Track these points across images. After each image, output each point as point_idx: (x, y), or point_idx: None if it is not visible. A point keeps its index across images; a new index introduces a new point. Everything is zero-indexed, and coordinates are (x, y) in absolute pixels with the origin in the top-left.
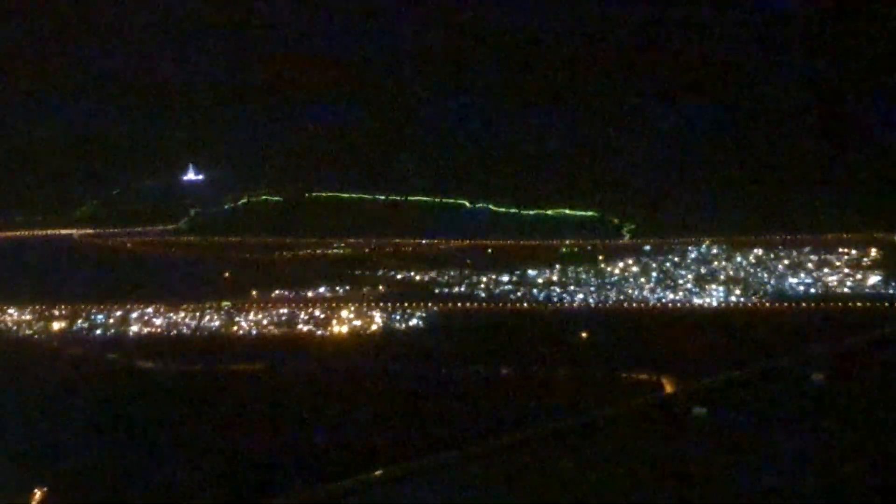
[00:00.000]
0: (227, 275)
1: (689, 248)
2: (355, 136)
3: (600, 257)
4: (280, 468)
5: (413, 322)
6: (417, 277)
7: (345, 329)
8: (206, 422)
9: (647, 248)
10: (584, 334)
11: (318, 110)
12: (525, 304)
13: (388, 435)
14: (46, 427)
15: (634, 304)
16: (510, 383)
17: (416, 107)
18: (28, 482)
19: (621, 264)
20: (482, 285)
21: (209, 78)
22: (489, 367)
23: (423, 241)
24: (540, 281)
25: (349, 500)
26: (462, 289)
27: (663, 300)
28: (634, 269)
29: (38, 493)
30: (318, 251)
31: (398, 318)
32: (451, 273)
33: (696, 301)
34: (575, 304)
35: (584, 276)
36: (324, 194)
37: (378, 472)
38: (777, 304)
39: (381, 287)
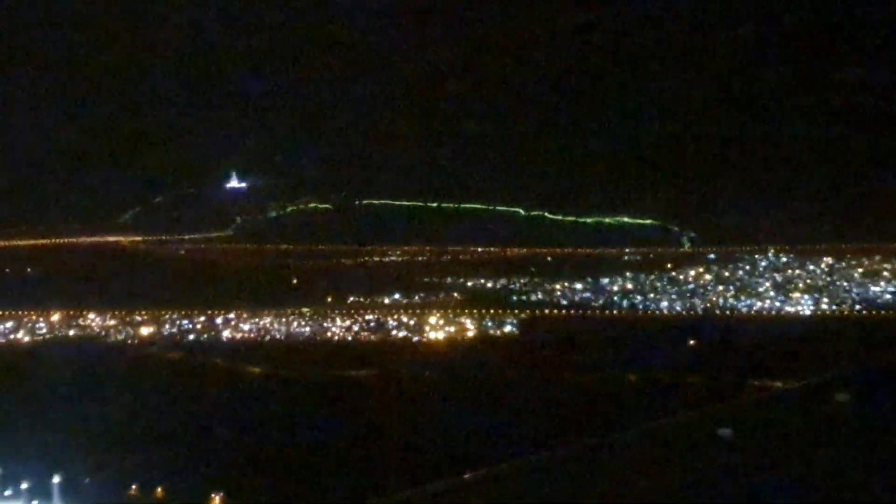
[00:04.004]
0: (294, 281)
1: (758, 256)
2: (403, 142)
3: (669, 265)
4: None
5: (507, 328)
6: (489, 285)
7: (439, 335)
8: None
9: (713, 256)
10: (691, 341)
11: (364, 117)
12: (615, 312)
13: (476, 438)
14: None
15: (728, 312)
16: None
17: (467, 113)
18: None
19: (693, 272)
20: (558, 293)
21: (247, 85)
22: (584, 375)
23: (480, 249)
24: (615, 289)
25: (443, 500)
26: (540, 296)
27: (752, 308)
28: (707, 276)
29: (216, 499)
30: (378, 258)
31: (490, 324)
32: (522, 280)
33: (788, 309)
34: (665, 312)
35: (658, 284)
36: (374, 202)
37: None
38: (857, 313)
39: (456, 294)
